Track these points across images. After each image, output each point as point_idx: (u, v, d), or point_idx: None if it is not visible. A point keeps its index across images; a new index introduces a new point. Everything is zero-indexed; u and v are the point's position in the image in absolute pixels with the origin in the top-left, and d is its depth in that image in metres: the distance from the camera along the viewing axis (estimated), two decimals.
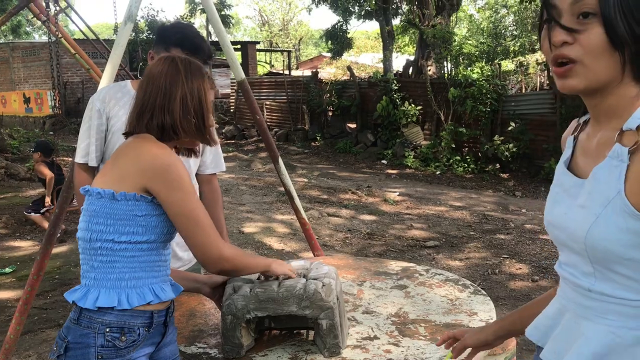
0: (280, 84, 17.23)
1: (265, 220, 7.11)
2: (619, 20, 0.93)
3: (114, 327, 1.46)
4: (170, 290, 1.60)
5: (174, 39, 2.26)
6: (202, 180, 2.57)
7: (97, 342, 1.44)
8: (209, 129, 1.67)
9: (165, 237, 1.57)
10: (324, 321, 1.74)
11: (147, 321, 1.52)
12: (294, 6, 41.90)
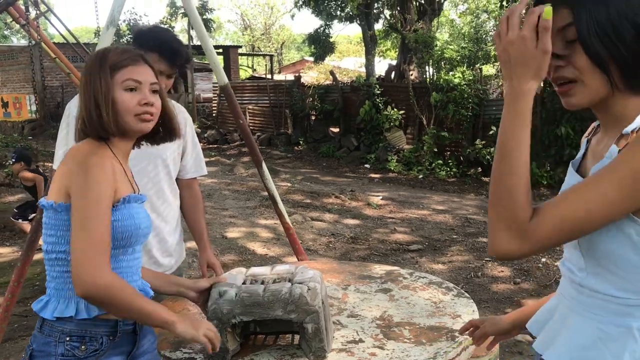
0: (263, 88, 17.21)
1: (249, 225, 7.09)
2: (594, 43, 1.03)
3: (74, 336, 1.44)
4: None
5: (151, 44, 2.22)
6: (183, 184, 2.54)
7: (57, 350, 1.43)
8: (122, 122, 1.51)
9: (117, 244, 1.48)
10: (310, 325, 1.74)
11: (111, 330, 1.50)
12: (276, 10, 41.91)
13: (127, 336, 1.56)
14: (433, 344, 1.86)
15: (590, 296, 1.10)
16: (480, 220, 7.45)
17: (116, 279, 1.40)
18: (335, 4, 18.97)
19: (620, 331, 1.06)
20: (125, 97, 1.50)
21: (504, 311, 4.38)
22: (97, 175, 1.41)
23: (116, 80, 1.50)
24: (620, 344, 1.05)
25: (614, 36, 1.02)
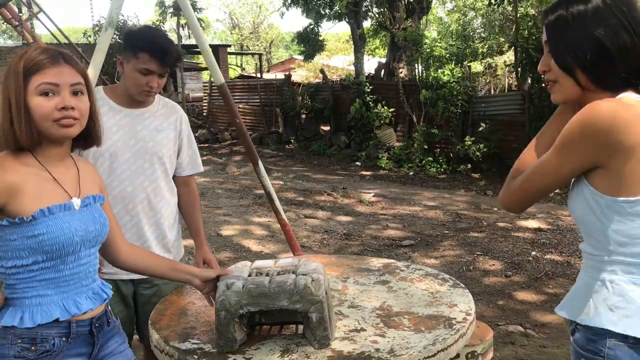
0: (253, 87, 17.26)
1: (243, 223, 7.15)
2: (563, 53, 1.37)
3: (25, 338, 1.46)
4: (88, 303, 1.57)
5: (141, 44, 2.24)
6: (180, 182, 2.57)
7: (10, 352, 1.46)
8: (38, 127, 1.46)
9: (51, 256, 1.48)
10: (314, 314, 1.82)
11: (64, 331, 1.51)
12: (265, 9, 41.92)
13: (84, 337, 1.57)
14: (432, 331, 1.94)
15: (584, 257, 1.43)
16: (471, 216, 7.56)
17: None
18: (324, 3, 19.04)
19: (598, 283, 1.36)
20: (39, 103, 1.43)
21: (496, 304, 4.49)
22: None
23: (31, 85, 1.43)
24: (598, 294, 1.35)
25: (578, 51, 1.34)
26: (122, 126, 2.33)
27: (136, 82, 2.26)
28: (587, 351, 1.34)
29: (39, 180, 1.48)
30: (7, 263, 1.47)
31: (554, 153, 1.33)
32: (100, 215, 1.61)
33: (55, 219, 1.46)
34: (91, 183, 1.66)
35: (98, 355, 1.62)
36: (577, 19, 1.33)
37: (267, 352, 1.82)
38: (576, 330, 1.41)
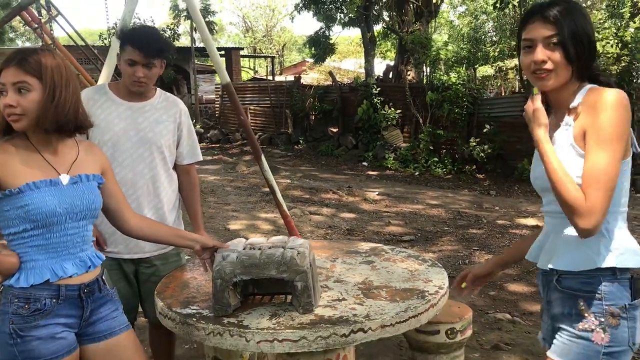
0: (264, 89, 17.56)
1: (250, 218, 7.42)
2: (570, 47, 1.58)
3: (21, 298, 1.71)
4: (74, 268, 1.78)
5: (127, 39, 2.46)
6: (181, 170, 2.77)
7: (9, 309, 1.72)
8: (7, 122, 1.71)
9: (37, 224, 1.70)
10: (299, 283, 2.06)
11: (54, 293, 1.74)
12: (278, 12, 42.28)
13: (73, 300, 1.79)
14: (405, 301, 2.18)
15: (561, 217, 1.62)
16: (472, 214, 7.76)
17: None
18: (335, 7, 19.30)
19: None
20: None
21: (488, 294, 4.70)
22: None
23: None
24: (596, 241, 1.58)
25: (579, 43, 1.58)
26: (123, 118, 2.55)
27: (126, 72, 2.48)
28: (584, 292, 1.60)
29: (29, 160, 1.73)
30: (5, 231, 1.74)
31: (612, 148, 1.50)
32: (90, 193, 1.83)
33: (40, 192, 1.70)
34: (90, 163, 1.89)
35: (89, 319, 1.86)
36: (576, 17, 1.59)
37: (257, 316, 2.07)
38: (562, 279, 1.65)
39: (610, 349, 1.58)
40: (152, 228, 2.12)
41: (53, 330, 1.73)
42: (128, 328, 1.96)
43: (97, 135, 2.50)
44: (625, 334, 1.60)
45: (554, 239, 1.70)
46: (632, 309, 1.60)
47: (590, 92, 1.60)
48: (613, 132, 1.51)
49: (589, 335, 1.60)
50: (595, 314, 1.60)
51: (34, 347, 1.69)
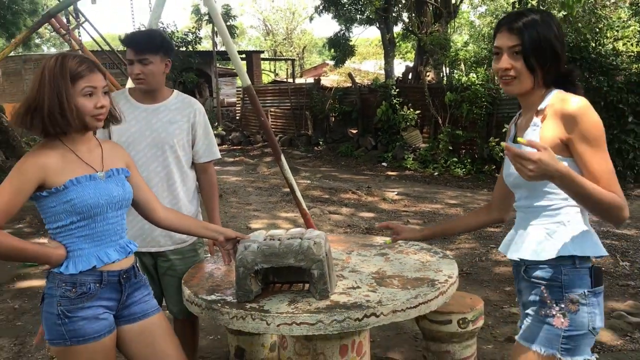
0: (284, 92, 17.76)
1: (271, 218, 7.58)
2: (532, 57, 1.71)
3: (68, 283, 1.89)
4: (116, 254, 1.96)
5: (124, 40, 2.66)
6: (199, 168, 2.90)
7: (57, 293, 1.90)
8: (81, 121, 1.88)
9: (84, 216, 1.87)
10: (316, 271, 2.21)
11: (98, 278, 1.92)
12: (298, 15, 42.55)
13: (114, 285, 1.97)
14: (416, 289, 2.31)
15: (535, 211, 1.79)
16: None
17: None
18: (355, 9, 19.44)
19: (556, 225, 1.75)
20: (84, 102, 1.85)
21: (503, 289, 4.79)
22: (19, 168, 1.82)
23: (76, 89, 1.84)
24: (559, 233, 1.73)
25: (541, 52, 1.70)
26: (139, 120, 2.72)
27: (129, 72, 2.68)
28: (546, 280, 1.74)
29: (67, 160, 1.90)
30: (52, 225, 1.91)
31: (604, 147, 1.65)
32: (123, 184, 2.03)
33: (83, 186, 1.88)
34: (115, 159, 2.07)
35: (126, 302, 2.03)
36: (540, 28, 1.70)
37: (277, 302, 2.22)
38: (529, 269, 1.79)
39: (569, 332, 1.71)
40: (179, 219, 2.29)
41: (96, 312, 1.90)
42: (159, 310, 2.13)
43: (116, 136, 2.67)
44: (585, 319, 1.72)
45: (522, 232, 1.84)
46: (591, 296, 1.73)
47: (556, 96, 1.73)
48: (598, 132, 1.65)
49: (550, 320, 1.73)
50: (556, 301, 1.73)
51: (80, 327, 1.86)
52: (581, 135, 1.65)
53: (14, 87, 22.98)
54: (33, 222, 7.27)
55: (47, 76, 1.85)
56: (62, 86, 1.83)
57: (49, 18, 6.69)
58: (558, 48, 1.72)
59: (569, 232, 1.74)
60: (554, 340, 1.73)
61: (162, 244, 2.78)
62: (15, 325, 4.21)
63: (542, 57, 1.70)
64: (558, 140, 1.68)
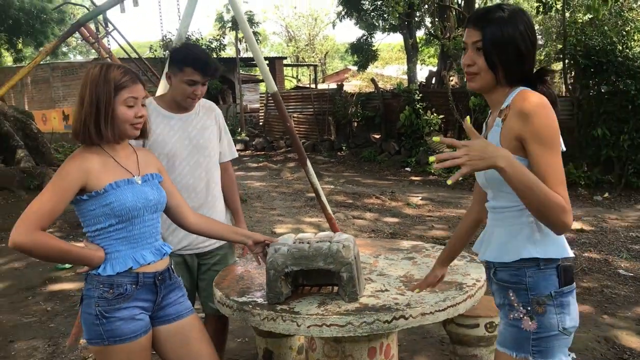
0: (307, 97, 17.84)
1: (295, 222, 7.64)
2: (492, 54, 1.68)
3: (106, 284, 1.94)
4: (151, 256, 2.02)
5: (186, 60, 2.64)
6: (221, 168, 3.01)
7: (95, 294, 1.95)
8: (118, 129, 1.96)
9: (122, 219, 1.93)
10: (345, 274, 2.24)
11: (134, 280, 1.97)
12: (320, 21, 42.71)
13: (149, 287, 2.02)
14: (444, 292, 2.33)
15: (500, 212, 1.79)
16: None
17: (38, 238, 1.80)
18: (377, 14, 19.48)
19: (520, 226, 1.73)
20: (125, 111, 1.94)
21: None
22: (62, 172, 1.88)
23: (119, 99, 1.92)
24: (523, 234, 1.72)
25: (503, 50, 1.67)
26: (176, 130, 2.79)
27: (184, 92, 2.70)
28: (512, 283, 1.73)
29: (106, 165, 1.98)
30: (91, 228, 1.97)
31: (556, 147, 1.60)
32: (158, 189, 2.10)
33: (122, 190, 1.94)
34: (149, 165, 2.15)
35: (161, 303, 2.09)
36: (503, 25, 1.66)
37: (307, 304, 2.25)
38: (497, 271, 1.79)
39: (539, 334, 1.69)
40: (208, 224, 2.35)
41: (132, 312, 1.96)
42: (193, 312, 2.18)
43: (157, 148, 2.73)
44: (554, 320, 1.69)
45: (489, 232, 1.84)
46: (559, 296, 1.70)
47: (518, 94, 1.68)
48: (550, 133, 1.60)
49: (519, 323, 1.72)
50: (523, 303, 1.71)
51: (117, 327, 1.92)
52: (533, 135, 1.60)
53: (42, 95, 23.46)
54: (63, 227, 7.43)
55: (89, 85, 1.92)
56: (103, 95, 1.90)
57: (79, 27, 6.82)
58: (522, 47, 1.67)
59: (532, 233, 1.71)
60: (524, 344, 1.71)
61: (207, 243, 2.87)
62: (49, 327, 4.31)
63: (503, 55, 1.67)
64: (515, 140, 1.65)
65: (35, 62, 6.46)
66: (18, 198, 9.99)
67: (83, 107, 1.92)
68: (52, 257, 1.90)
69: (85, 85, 1.94)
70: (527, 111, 1.61)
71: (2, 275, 5.79)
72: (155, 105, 2.79)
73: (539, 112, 1.60)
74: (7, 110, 12.66)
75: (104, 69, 1.95)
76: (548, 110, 1.61)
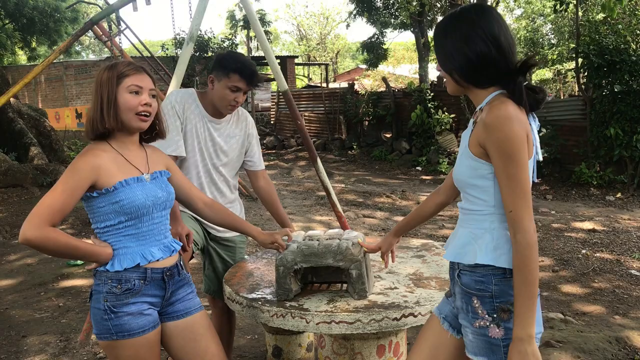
0: (318, 96, 17.84)
1: (305, 221, 7.64)
2: (442, 60, 1.72)
3: (114, 279, 1.95)
4: (160, 253, 2.02)
5: (234, 67, 2.70)
6: (259, 176, 3.08)
7: (103, 289, 1.96)
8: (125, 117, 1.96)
9: (131, 216, 1.95)
10: (354, 271, 2.25)
11: (142, 275, 1.97)
12: (332, 20, 42.68)
13: (157, 282, 2.02)
14: None
15: (465, 213, 1.78)
16: None
17: (47, 233, 1.81)
18: (389, 13, 19.45)
19: (482, 231, 1.71)
20: (129, 98, 1.93)
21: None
22: (73, 169, 1.88)
23: (122, 86, 1.93)
24: (483, 240, 1.69)
25: (450, 58, 1.69)
26: (205, 129, 2.84)
27: (225, 97, 2.73)
28: (477, 290, 1.69)
29: (116, 162, 1.98)
30: (100, 225, 1.98)
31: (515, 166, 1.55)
32: (167, 186, 2.11)
33: (131, 188, 1.95)
34: (158, 162, 2.15)
35: (170, 299, 2.10)
36: (446, 33, 1.70)
37: (316, 301, 2.26)
38: (462, 274, 1.74)
39: (508, 340, 1.64)
40: (222, 215, 2.38)
41: (141, 307, 1.97)
42: (202, 309, 2.19)
43: (189, 138, 2.81)
44: None
45: (455, 232, 1.84)
46: None
47: (491, 100, 1.66)
48: (508, 148, 1.56)
49: (486, 331, 1.69)
50: (488, 311, 1.68)
51: (125, 322, 1.94)
52: (494, 146, 1.58)
53: (55, 93, 23.66)
54: (75, 224, 7.49)
55: (98, 82, 1.96)
56: (106, 84, 1.93)
57: (92, 25, 6.88)
58: (473, 49, 1.63)
59: (492, 240, 1.68)
60: (496, 350, 1.69)
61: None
62: (60, 322, 4.35)
63: (453, 62, 1.68)
64: (479, 146, 1.64)
65: (49, 61, 6.52)
66: (31, 195, 10.10)
67: (94, 105, 1.96)
68: (61, 253, 1.92)
69: (94, 84, 1.97)
70: (489, 123, 1.59)
71: (15, 271, 5.85)
72: (197, 101, 2.84)
73: (500, 125, 1.56)
74: (21, 108, 12.79)
75: (111, 65, 1.99)
76: (511, 122, 1.56)
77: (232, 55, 2.81)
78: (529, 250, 1.55)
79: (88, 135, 2.00)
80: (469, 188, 1.71)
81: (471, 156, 1.67)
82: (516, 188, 1.56)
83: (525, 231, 1.56)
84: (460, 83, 1.71)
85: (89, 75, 21.98)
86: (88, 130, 1.99)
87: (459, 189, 1.82)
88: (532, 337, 1.56)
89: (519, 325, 1.56)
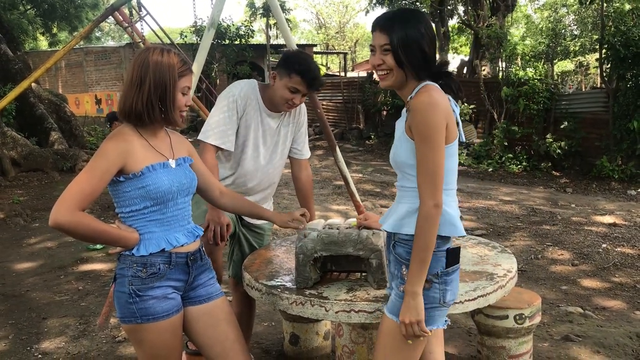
0: (337, 85, 17.77)
1: (323, 210, 7.64)
2: (400, 55, 1.85)
3: (139, 264, 1.96)
4: (184, 238, 2.04)
5: (297, 68, 2.65)
6: (302, 165, 3.09)
7: (128, 273, 1.97)
8: (173, 114, 2.00)
9: (157, 202, 1.96)
10: (374, 260, 2.23)
11: (167, 260, 1.99)
12: (351, 9, 42.40)
13: (182, 267, 2.04)
14: (475, 282, 2.31)
15: (403, 190, 1.96)
16: (547, 211, 7.65)
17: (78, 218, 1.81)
18: (409, 2, 19.25)
19: (416, 206, 1.86)
20: (180, 97, 1.99)
21: (560, 288, 4.69)
22: (102, 153, 1.89)
23: (179, 85, 1.98)
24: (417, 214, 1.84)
25: (409, 50, 1.85)
26: (260, 122, 2.83)
27: (284, 96, 2.71)
28: (407, 260, 1.89)
29: (143, 147, 1.99)
30: (125, 209, 1.99)
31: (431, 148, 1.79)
32: (190, 172, 2.13)
33: (158, 173, 1.96)
34: (182, 148, 2.16)
35: (193, 284, 2.11)
36: (407, 28, 1.85)
37: (335, 290, 2.25)
38: (397, 245, 1.94)
39: (424, 305, 1.86)
40: (238, 202, 2.40)
41: (165, 291, 1.98)
42: (222, 295, 2.20)
43: (244, 131, 2.81)
44: (437, 294, 1.90)
45: (395, 207, 2.00)
46: (444, 275, 1.90)
47: (420, 89, 1.88)
48: (427, 131, 1.79)
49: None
50: None
51: (150, 305, 1.95)
52: (414, 128, 1.82)
53: (75, 79, 23.85)
54: (95, 209, 7.56)
55: (152, 66, 1.94)
56: (169, 80, 1.94)
57: (113, 11, 6.90)
58: (425, 45, 1.86)
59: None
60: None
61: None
62: (80, 305, 4.41)
63: (409, 55, 1.85)
64: (409, 130, 1.86)
65: (69, 46, 6.56)
66: (51, 179, 10.22)
67: (141, 89, 1.93)
68: (90, 238, 1.93)
69: (143, 66, 1.94)
70: (413, 107, 1.83)
71: (35, 254, 5.93)
72: (258, 94, 2.82)
73: (422, 109, 1.80)
74: (41, 93, 12.90)
75: (165, 54, 1.98)
76: (432, 108, 1.79)
77: (298, 56, 2.76)
78: (424, 221, 1.80)
79: (122, 115, 2.00)
80: (407, 168, 1.90)
81: (407, 139, 1.88)
82: (425, 167, 1.80)
83: (424, 204, 1.80)
84: (408, 76, 1.88)
85: (108, 62, 22.12)
86: (124, 112, 1.98)
87: (396, 170, 1.99)
88: (418, 294, 1.82)
89: (409, 282, 1.83)
